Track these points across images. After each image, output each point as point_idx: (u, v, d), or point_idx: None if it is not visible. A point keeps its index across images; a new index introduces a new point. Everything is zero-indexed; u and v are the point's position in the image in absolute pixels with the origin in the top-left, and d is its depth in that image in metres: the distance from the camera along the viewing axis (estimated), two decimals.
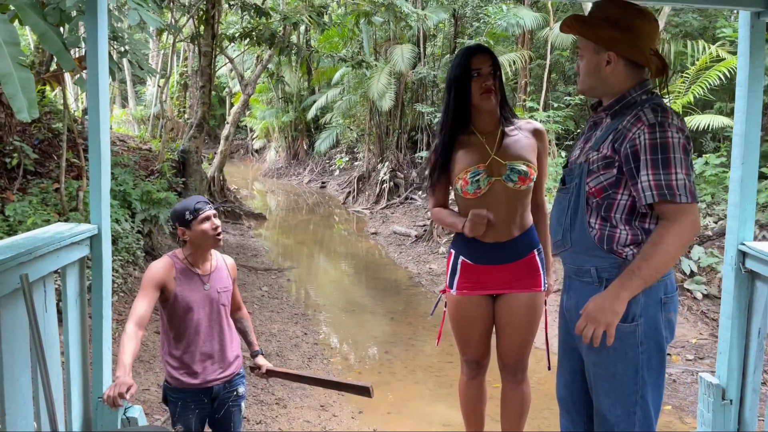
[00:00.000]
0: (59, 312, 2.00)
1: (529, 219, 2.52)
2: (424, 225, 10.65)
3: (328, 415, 4.95)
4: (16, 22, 5.05)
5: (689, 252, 7.50)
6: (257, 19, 9.68)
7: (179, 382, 2.57)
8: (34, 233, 1.89)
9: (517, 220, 2.44)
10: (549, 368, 2.51)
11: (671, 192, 1.65)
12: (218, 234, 2.59)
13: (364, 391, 2.67)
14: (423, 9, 12.59)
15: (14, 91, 4.26)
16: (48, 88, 7.16)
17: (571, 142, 9.56)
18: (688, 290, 7.23)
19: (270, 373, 2.93)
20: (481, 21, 10.40)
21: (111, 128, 14.29)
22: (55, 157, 6.53)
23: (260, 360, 2.92)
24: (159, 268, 2.53)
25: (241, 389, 2.79)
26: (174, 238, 8.29)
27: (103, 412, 2.11)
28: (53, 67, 7.86)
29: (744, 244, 2.09)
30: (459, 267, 2.52)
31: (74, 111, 12.27)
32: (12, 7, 4.79)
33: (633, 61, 1.79)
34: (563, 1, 10.86)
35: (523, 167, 2.37)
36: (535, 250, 2.49)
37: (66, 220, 5.23)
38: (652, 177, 1.66)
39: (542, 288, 2.48)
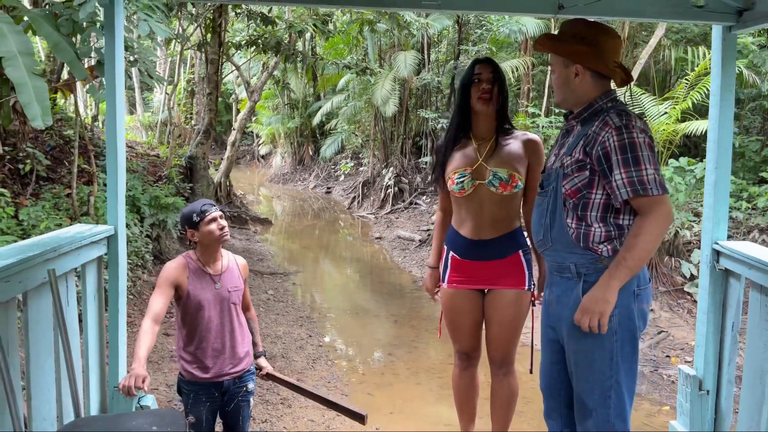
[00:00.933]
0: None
1: (516, 222, 2.67)
2: (428, 230, 10.78)
3: (332, 415, 5.06)
4: (30, 32, 5.23)
5: (689, 255, 7.59)
6: (263, 27, 9.86)
7: (192, 376, 2.70)
8: (56, 233, 2.05)
9: (500, 221, 2.60)
10: (531, 371, 2.68)
11: (643, 187, 1.81)
12: (224, 233, 2.71)
13: (358, 418, 2.84)
14: (426, 17, 12.75)
15: (29, 99, 4.43)
16: (59, 96, 7.34)
17: None
18: (689, 293, 7.31)
19: (269, 377, 3.07)
20: (484, 28, 10.54)
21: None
22: (67, 163, 6.69)
23: (262, 362, 3.07)
24: (173, 267, 2.67)
25: (251, 385, 2.91)
26: (182, 242, 8.45)
27: (119, 400, 2.26)
28: (65, 76, 8.06)
29: (718, 243, 2.22)
30: (450, 262, 2.72)
31: (84, 118, 12.48)
32: (26, 18, 4.97)
33: (599, 73, 1.98)
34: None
35: (505, 175, 2.56)
36: (521, 251, 2.63)
37: (75, 220, 5.39)
38: (625, 175, 1.82)
39: (526, 287, 2.61)
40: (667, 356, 6.29)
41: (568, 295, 1.99)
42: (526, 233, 2.66)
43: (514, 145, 2.64)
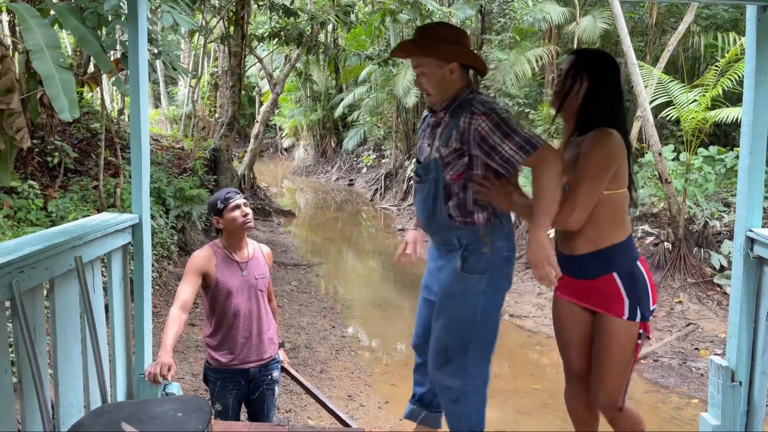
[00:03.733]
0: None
1: (607, 238, 2.18)
2: None
3: (355, 405, 5.09)
4: (57, 26, 5.30)
5: (719, 246, 7.44)
6: (285, 19, 9.86)
7: (219, 363, 2.75)
8: (83, 221, 2.06)
9: (579, 235, 2.18)
10: (620, 408, 2.23)
11: (530, 145, 2.00)
12: (248, 220, 2.74)
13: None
14: (449, 6, 12.63)
15: (56, 92, 4.49)
16: (86, 89, 7.44)
17: None
18: (718, 285, 7.18)
19: (283, 369, 3.11)
20: (507, 17, 10.41)
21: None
22: (94, 156, 6.78)
23: (280, 354, 3.08)
24: (201, 256, 2.72)
25: (276, 374, 2.93)
26: (206, 233, 8.52)
27: (145, 387, 2.28)
28: (91, 69, 8.16)
29: (752, 231, 2.15)
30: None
31: (110, 111, 12.64)
32: (53, 12, 5.03)
33: (463, 67, 2.19)
34: None
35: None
36: (614, 273, 2.18)
37: (100, 209, 5.47)
38: (511, 145, 2.02)
39: (625, 315, 2.15)
40: (696, 349, 6.19)
41: (450, 262, 2.20)
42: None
43: (583, 146, 2.18)
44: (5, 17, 6.57)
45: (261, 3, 9.82)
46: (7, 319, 1.44)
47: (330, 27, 14.02)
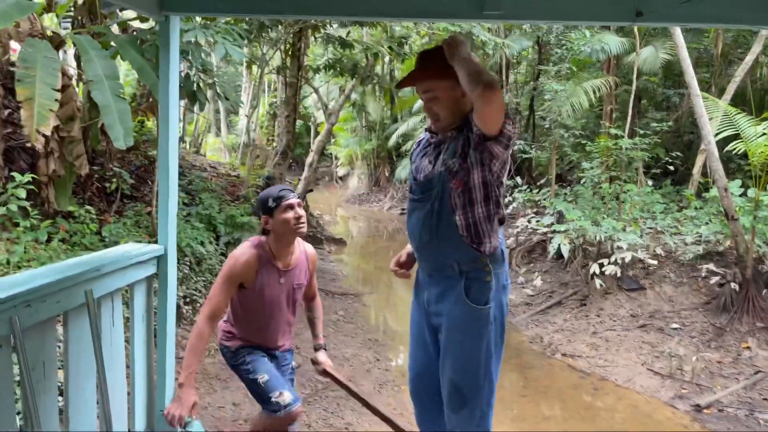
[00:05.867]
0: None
1: None
2: None
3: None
4: (119, 57, 5.51)
5: None
6: (341, 50, 10.01)
7: (239, 342, 2.64)
8: (104, 252, 2.06)
9: None
10: None
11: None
12: (300, 224, 2.54)
13: None
14: (505, 37, 12.56)
15: (112, 121, 4.64)
16: (148, 118, 7.70)
17: (659, 171, 9.15)
18: None
19: (326, 374, 2.94)
20: (564, 47, 10.24)
21: (204, 155, 15.12)
22: (150, 182, 6.96)
23: (321, 356, 2.93)
24: (243, 262, 2.51)
25: (294, 364, 2.89)
26: None
27: (165, 423, 2.23)
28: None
29: None
30: None
31: None
32: (113, 44, 5.24)
33: None
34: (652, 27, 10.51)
35: None
36: None
37: (156, 242, 5.58)
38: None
39: None
40: (765, 399, 5.74)
41: (449, 292, 2.13)
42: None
43: None
44: (71, 49, 6.88)
45: (318, 35, 10.01)
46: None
47: (386, 59, 14.17)
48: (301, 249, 2.75)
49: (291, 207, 2.53)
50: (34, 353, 1.43)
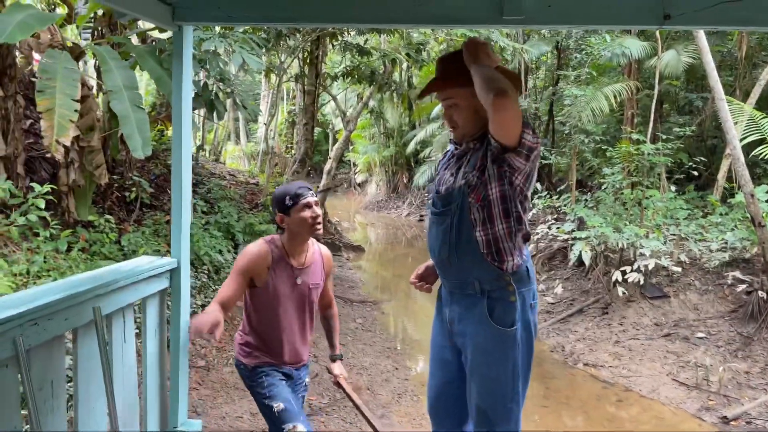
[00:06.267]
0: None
1: None
2: None
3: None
4: (138, 67, 5.55)
5: None
6: (359, 57, 10.01)
7: (257, 360, 2.50)
8: (116, 266, 2.01)
9: None
10: None
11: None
12: (317, 224, 2.45)
13: None
14: (524, 42, 12.47)
15: (131, 130, 4.66)
16: (167, 127, 7.75)
17: (682, 176, 8.98)
18: None
19: (339, 385, 2.83)
20: (584, 52, 10.12)
21: (224, 163, 15.22)
22: (169, 191, 6.99)
23: (337, 368, 2.84)
24: (254, 255, 2.43)
25: (308, 379, 2.73)
26: None
27: None
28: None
29: None
30: None
31: (193, 148, 13.14)
32: (133, 54, 5.28)
33: None
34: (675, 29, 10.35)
35: None
36: None
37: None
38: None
39: None
40: None
41: (471, 311, 2.04)
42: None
43: None
44: (92, 60, 6.95)
45: (335, 43, 10.02)
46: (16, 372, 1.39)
47: (404, 65, 14.16)
48: (316, 249, 2.66)
49: (308, 206, 2.44)
50: (42, 372, 1.40)
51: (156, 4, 2.03)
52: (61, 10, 6.39)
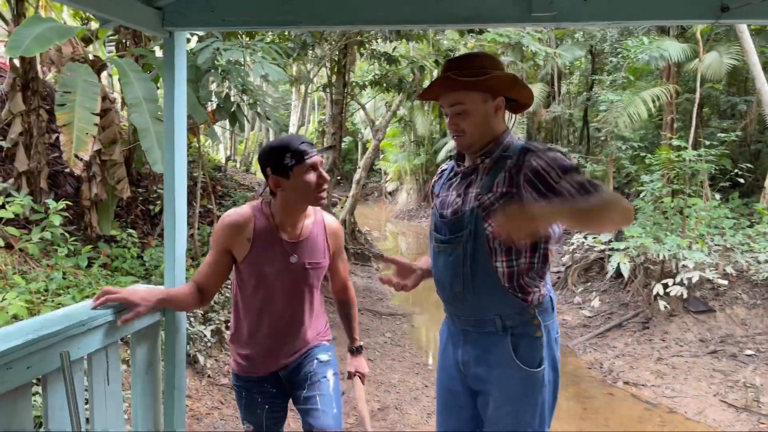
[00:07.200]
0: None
1: None
2: (558, 271, 10.03)
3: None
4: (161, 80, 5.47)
5: None
6: (387, 66, 9.86)
7: (240, 368, 2.10)
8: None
9: None
10: None
11: (591, 184, 1.64)
12: (322, 191, 1.97)
13: None
14: (556, 47, 12.17)
15: (150, 144, 4.56)
16: (190, 139, 7.69)
17: (727, 183, 8.55)
18: None
19: (355, 383, 2.38)
20: (620, 56, 9.77)
21: (255, 173, 15.22)
22: (193, 204, 6.92)
23: (355, 362, 2.37)
24: (228, 224, 1.98)
25: (324, 356, 2.15)
26: None
27: None
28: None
29: None
30: None
31: (221, 159, 13.21)
32: (155, 67, 5.20)
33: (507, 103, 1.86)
34: (717, 24, 9.93)
35: None
36: None
37: (197, 265, 5.47)
38: (569, 184, 1.64)
39: None
40: None
41: (492, 352, 1.80)
42: None
43: None
44: (116, 74, 6.94)
45: (363, 51, 9.89)
46: None
47: (434, 73, 13.97)
48: (317, 219, 2.13)
49: (315, 167, 1.95)
50: (5, 426, 1.23)
51: (143, 8, 1.86)
52: (95, 23, 6.36)
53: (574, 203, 1.59)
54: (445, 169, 2.09)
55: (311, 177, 1.94)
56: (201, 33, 4.88)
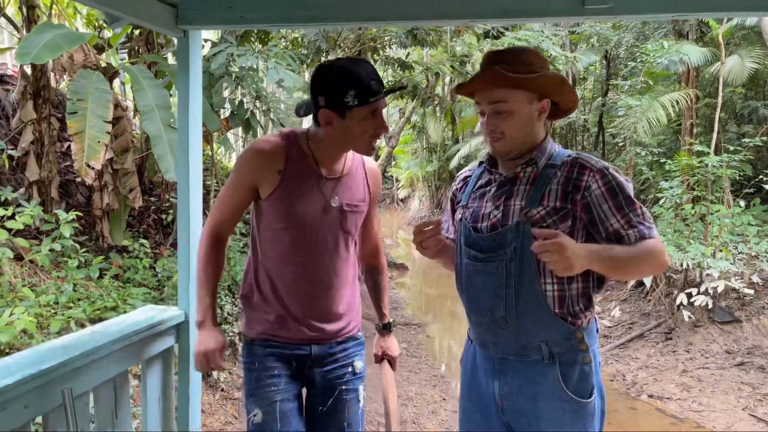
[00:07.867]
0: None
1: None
2: None
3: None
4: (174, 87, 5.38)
5: None
6: (401, 72, 9.76)
7: (261, 330, 1.71)
8: (104, 326, 1.61)
9: None
10: None
11: (650, 222, 1.62)
12: (376, 140, 1.70)
13: None
14: (573, 50, 12.02)
15: (163, 152, 4.45)
16: (204, 146, 7.61)
17: (751, 190, 8.34)
18: None
19: (384, 369, 2.00)
20: (638, 60, 9.60)
21: None
22: (206, 213, 6.82)
23: (384, 343, 2.01)
24: (256, 151, 1.66)
25: (359, 363, 1.85)
26: None
27: None
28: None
29: None
30: None
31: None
32: (167, 74, 5.11)
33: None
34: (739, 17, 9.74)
35: None
36: None
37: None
38: (622, 218, 1.58)
39: None
40: None
41: (538, 383, 1.61)
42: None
43: None
44: (126, 81, 6.86)
45: (376, 57, 9.79)
46: None
47: (447, 79, 13.86)
48: (355, 155, 1.82)
49: (378, 113, 1.66)
50: None
51: (155, 5, 1.71)
52: (108, 32, 6.30)
53: (633, 254, 1.56)
54: (469, 176, 1.87)
55: (370, 123, 1.65)
56: (214, 35, 4.78)
